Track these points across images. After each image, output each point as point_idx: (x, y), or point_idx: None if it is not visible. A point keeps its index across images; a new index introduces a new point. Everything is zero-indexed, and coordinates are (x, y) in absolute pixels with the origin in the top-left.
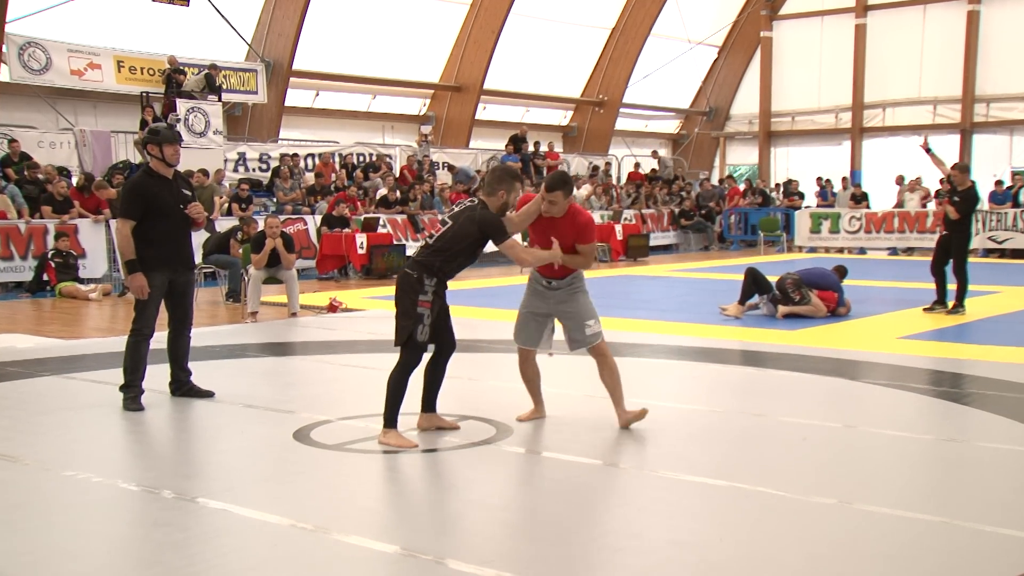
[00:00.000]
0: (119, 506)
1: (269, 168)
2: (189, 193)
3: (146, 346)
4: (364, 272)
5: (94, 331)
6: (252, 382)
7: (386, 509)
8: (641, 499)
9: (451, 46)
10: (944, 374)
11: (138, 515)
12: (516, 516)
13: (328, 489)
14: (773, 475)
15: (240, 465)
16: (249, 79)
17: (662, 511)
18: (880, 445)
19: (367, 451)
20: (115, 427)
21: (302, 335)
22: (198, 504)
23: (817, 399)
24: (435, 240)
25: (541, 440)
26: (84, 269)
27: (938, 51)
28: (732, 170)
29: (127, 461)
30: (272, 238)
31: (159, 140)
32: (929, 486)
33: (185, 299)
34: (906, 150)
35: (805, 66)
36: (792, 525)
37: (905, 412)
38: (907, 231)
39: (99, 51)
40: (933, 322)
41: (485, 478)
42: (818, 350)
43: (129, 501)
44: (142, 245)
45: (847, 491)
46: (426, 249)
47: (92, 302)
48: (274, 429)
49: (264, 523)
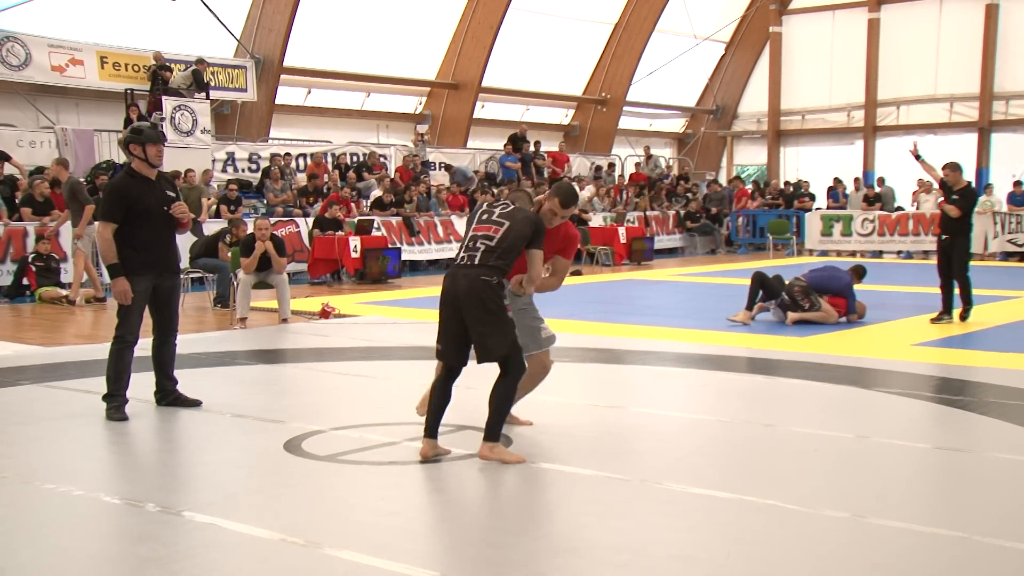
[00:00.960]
0: (101, 520)
1: (259, 168)
2: (173, 195)
3: (130, 354)
4: (358, 276)
5: (76, 338)
6: (241, 391)
7: (381, 523)
8: (644, 512)
9: (448, 42)
10: (960, 382)
11: (121, 530)
12: (514, 530)
13: (320, 502)
14: (782, 487)
15: (228, 477)
16: (238, 76)
17: (667, 525)
18: (894, 456)
19: (361, 462)
20: (98, 438)
21: (293, 342)
22: (184, 518)
23: (828, 408)
24: (497, 241)
25: (540, 451)
26: (66, 273)
27: (955, 46)
28: (740, 171)
29: (110, 473)
30: (262, 241)
31: (142, 140)
32: (945, 499)
33: (170, 305)
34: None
35: (816, 62)
36: (802, 540)
37: (920, 422)
38: (922, 234)
39: (81, 46)
40: (948, 329)
41: (482, 491)
42: (829, 357)
43: (112, 515)
44: (125, 249)
45: (859, 504)
46: (491, 252)
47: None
48: (264, 439)
49: (253, 538)
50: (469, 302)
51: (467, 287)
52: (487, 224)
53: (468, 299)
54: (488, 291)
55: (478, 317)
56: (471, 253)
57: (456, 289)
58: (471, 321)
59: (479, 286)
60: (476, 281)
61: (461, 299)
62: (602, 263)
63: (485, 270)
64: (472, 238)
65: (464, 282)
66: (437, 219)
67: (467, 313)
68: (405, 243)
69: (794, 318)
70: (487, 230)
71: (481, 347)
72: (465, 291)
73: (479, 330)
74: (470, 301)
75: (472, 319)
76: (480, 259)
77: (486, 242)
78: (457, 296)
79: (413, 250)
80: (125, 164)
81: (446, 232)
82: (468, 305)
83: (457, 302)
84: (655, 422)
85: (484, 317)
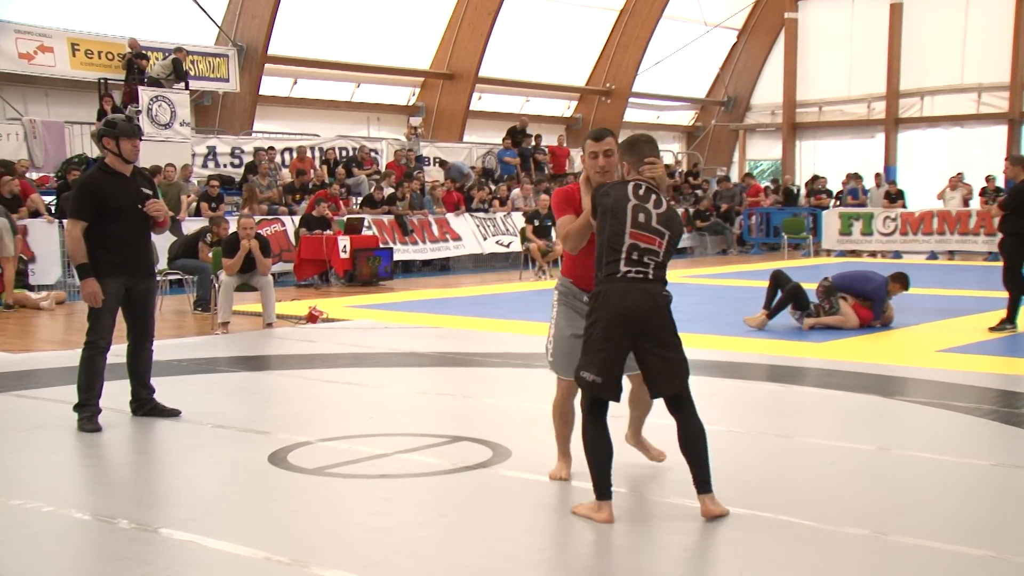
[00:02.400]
0: (72, 538)
1: (242, 163)
2: (150, 192)
3: (102, 360)
4: (347, 278)
5: (45, 343)
6: (223, 400)
7: (371, 540)
8: (652, 529)
9: (443, 29)
10: (990, 391)
11: (93, 548)
12: (512, 549)
13: (307, 518)
14: (798, 503)
15: (209, 492)
16: (219, 65)
17: (675, 543)
18: (918, 470)
19: (350, 476)
20: (68, 450)
21: (278, 348)
22: (161, 536)
23: (847, 418)
24: (663, 256)
25: (542, 464)
26: (34, 275)
27: (983, 32)
28: (753, 166)
29: (81, 488)
30: (246, 240)
31: (116, 133)
32: (973, 516)
33: (146, 309)
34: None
35: (834, 50)
36: (820, 558)
37: (946, 433)
38: (947, 233)
39: (51, 32)
40: (974, 335)
41: (480, 506)
42: (848, 364)
43: (83, 533)
44: (95, 249)
45: (881, 521)
46: (660, 267)
47: (44, 311)
48: (247, 452)
49: (235, 556)
50: (654, 323)
51: (652, 305)
52: (648, 233)
53: (653, 319)
54: (669, 310)
55: (663, 340)
56: (642, 269)
57: (636, 307)
58: (653, 345)
59: (664, 304)
60: (660, 298)
61: (645, 319)
62: None
63: (661, 284)
64: (634, 249)
65: (644, 298)
66: (432, 217)
67: (648, 336)
68: (399, 242)
69: (809, 323)
70: (651, 242)
71: (665, 375)
72: (650, 310)
73: (665, 356)
74: (655, 321)
75: (655, 343)
76: (654, 273)
77: (653, 258)
78: (639, 316)
79: (407, 249)
80: (98, 158)
81: (441, 231)
82: (653, 326)
83: (639, 323)
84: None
85: (670, 340)
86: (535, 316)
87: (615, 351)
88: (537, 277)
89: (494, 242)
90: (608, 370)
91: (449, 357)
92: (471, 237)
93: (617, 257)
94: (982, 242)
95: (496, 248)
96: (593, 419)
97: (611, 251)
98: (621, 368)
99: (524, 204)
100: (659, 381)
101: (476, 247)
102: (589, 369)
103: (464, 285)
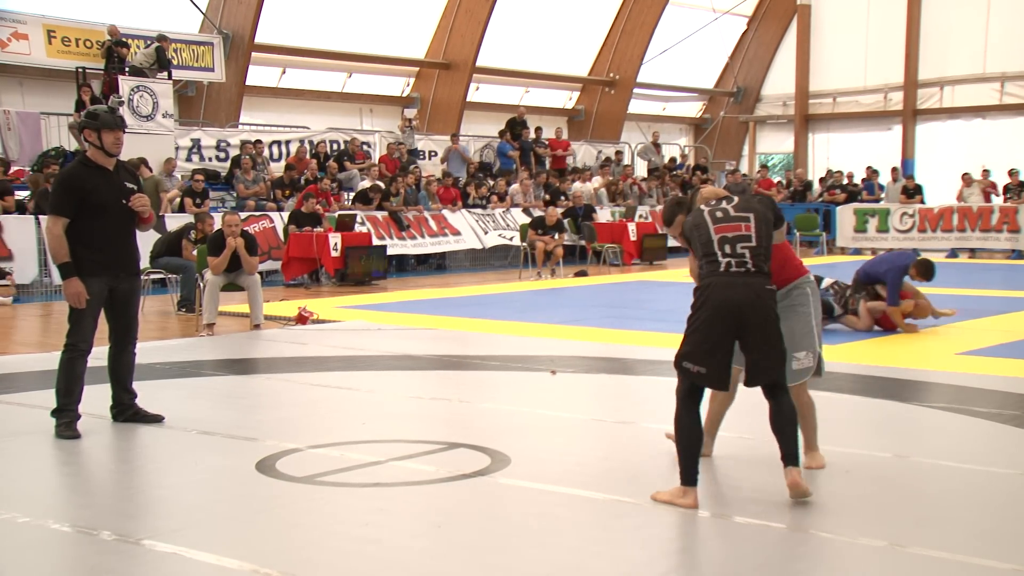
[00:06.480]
0: (50, 550)
1: (228, 157)
2: (134, 186)
3: (83, 364)
4: (338, 278)
5: (22, 346)
6: (208, 405)
7: (363, 551)
8: (658, 540)
9: (439, 17)
10: (1012, 396)
11: (72, 561)
12: (510, 561)
13: (296, 528)
14: (812, 513)
15: (193, 501)
16: (204, 54)
17: (683, 553)
18: (937, 478)
19: (342, 484)
20: (46, 458)
21: (266, 350)
22: (143, 547)
23: (863, 424)
24: (756, 239)
25: (543, 472)
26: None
27: (1007, 19)
28: (764, 159)
29: (60, 498)
30: (232, 238)
31: (97, 125)
32: (996, 527)
33: (129, 309)
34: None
35: (849, 38)
36: (834, 570)
37: (967, 440)
38: (968, 229)
39: (26, 18)
40: (994, 336)
41: (477, 516)
42: (864, 367)
43: (62, 544)
44: (77, 247)
45: (899, 532)
46: (758, 255)
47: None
48: (234, 459)
49: (222, 568)
50: (756, 316)
51: (754, 298)
52: (730, 223)
53: (755, 312)
54: (774, 303)
55: (766, 332)
56: (739, 259)
57: (738, 300)
58: (755, 338)
59: (766, 296)
60: (763, 291)
61: (746, 312)
62: (610, 263)
63: (764, 278)
64: (724, 241)
65: (747, 292)
66: (427, 213)
67: (752, 328)
68: (395, 237)
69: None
70: (736, 229)
71: (764, 364)
72: (751, 303)
73: (764, 348)
74: (757, 314)
75: (758, 335)
76: (753, 264)
77: (747, 245)
78: (741, 309)
79: (405, 244)
80: (78, 151)
81: (439, 226)
82: (755, 319)
83: (741, 316)
84: (669, 440)
85: (772, 332)
86: (535, 317)
87: (717, 342)
88: (537, 277)
89: (496, 235)
90: (712, 360)
91: (445, 360)
92: (470, 232)
93: (714, 254)
94: (1005, 239)
95: (499, 241)
96: (688, 407)
97: (707, 253)
98: (725, 358)
99: (524, 200)
100: (755, 372)
101: (476, 242)
102: (692, 359)
103: (461, 284)
